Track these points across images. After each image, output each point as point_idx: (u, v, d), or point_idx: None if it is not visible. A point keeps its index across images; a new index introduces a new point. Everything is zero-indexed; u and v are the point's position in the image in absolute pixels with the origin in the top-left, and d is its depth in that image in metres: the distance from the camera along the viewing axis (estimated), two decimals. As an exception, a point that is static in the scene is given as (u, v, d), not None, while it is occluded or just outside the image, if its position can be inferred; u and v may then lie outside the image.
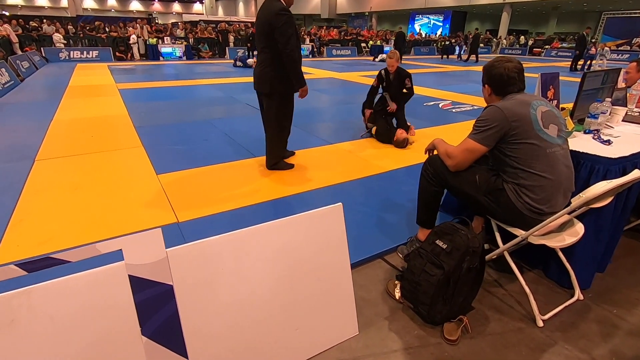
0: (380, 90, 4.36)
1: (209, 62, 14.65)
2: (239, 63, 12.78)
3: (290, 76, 2.89)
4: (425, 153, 2.01)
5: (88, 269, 1.07)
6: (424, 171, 1.93)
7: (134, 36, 14.97)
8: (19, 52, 11.81)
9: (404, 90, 4.16)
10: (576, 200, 1.45)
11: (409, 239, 2.16)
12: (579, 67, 13.41)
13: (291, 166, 3.44)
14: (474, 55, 16.97)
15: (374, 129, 4.26)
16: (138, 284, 1.11)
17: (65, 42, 14.44)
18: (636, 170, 1.50)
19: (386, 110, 4.25)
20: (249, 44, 13.90)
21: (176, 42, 15.91)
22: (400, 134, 4.04)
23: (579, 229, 1.68)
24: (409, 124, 4.31)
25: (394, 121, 4.34)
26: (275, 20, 2.70)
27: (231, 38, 17.35)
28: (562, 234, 1.67)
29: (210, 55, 16.59)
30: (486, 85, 1.73)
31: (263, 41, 2.86)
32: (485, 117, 1.60)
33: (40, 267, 0.98)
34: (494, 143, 1.58)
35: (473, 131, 1.64)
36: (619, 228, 1.96)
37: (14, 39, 12.45)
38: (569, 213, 1.59)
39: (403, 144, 4.01)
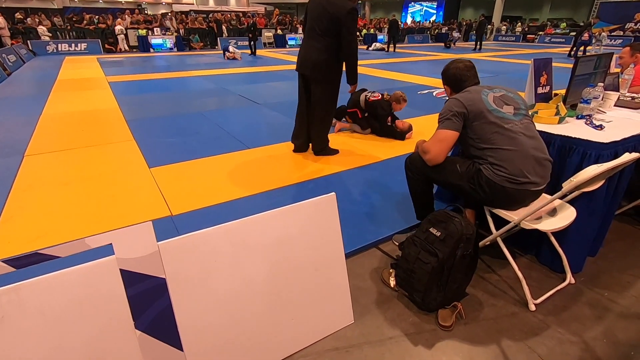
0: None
1: (201, 54, 14.44)
2: (227, 54, 12.45)
3: (348, 71, 3.06)
4: None
5: (78, 264, 1.05)
6: (407, 171, 2.00)
7: (119, 27, 14.68)
8: (9, 45, 11.56)
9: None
10: (567, 185, 1.45)
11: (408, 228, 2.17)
12: (579, 53, 13.36)
13: (336, 151, 3.50)
14: (478, 43, 16.49)
15: (368, 130, 4.13)
16: (130, 278, 1.10)
17: (51, 34, 14.12)
18: (627, 154, 1.50)
19: (377, 115, 4.03)
20: (249, 34, 13.58)
21: (166, 33, 15.63)
22: (402, 124, 4.00)
23: (571, 213, 1.69)
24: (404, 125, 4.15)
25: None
26: (345, 19, 2.84)
27: (224, 28, 17.08)
28: (554, 218, 1.68)
29: (201, 46, 16.34)
30: (446, 86, 1.91)
31: (323, 28, 2.95)
32: (445, 107, 1.75)
33: (29, 263, 0.96)
34: (460, 126, 1.70)
35: (439, 123, 1.76)
36: (610, 212, 1.98)
37: (6, 32, 12.18)
38: (561, 198, 1.60)
39: (408, 132, 3.96)
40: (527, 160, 1.63)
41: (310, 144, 3.49)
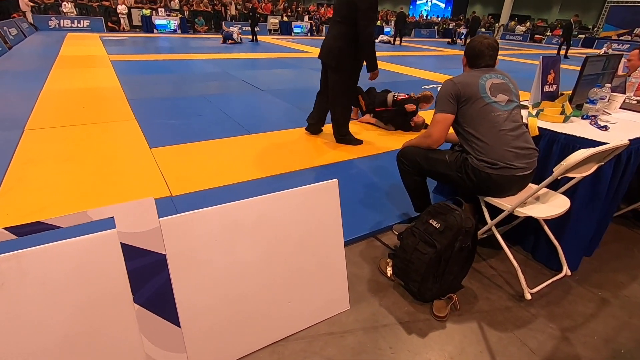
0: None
1: (205, 37, 14.27)
2: (229, 41, 12.26)
3: (365, 58, 3.01)
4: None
5: (79, 235, 1.05)
6: (400, 165, 2.01)
7: (122, 6, 14.47)
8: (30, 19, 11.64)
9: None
10: (557, 169, 1.46)
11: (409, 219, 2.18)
12: (569, 55, 13.35)
13: (360, 142, 3.50)
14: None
15: (392, 127, 4.13)
16: (130, 252, 1.10)
17: (75, 11, 14.03)
18: (616, 140, 1.51)
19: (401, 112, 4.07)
20: (250, 20, 13.40)
21: (171, 14, 15.41)
22: (417, 118, 4.03)
23: (564, 202, 1.70)
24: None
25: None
26: (360, 3, 2.79)
27: (232, 11, 16.81)
28: (547, 206, 1.69)
29: (206, 29, 16.13)
30: (464, 56, 1.91)
31: (342, 14, 2.93)
32: (441, 90, 1.80)
33: (31, 231, 0.96)
34: (455, 108, 1.75)
35: (435, 107, 1.82)
36: (609, 214, 1.99)
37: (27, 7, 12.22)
38: (556, 189, 1.61)
39: (422, 127, 4.01)
40: (507, 148, 1.67)
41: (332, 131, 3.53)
